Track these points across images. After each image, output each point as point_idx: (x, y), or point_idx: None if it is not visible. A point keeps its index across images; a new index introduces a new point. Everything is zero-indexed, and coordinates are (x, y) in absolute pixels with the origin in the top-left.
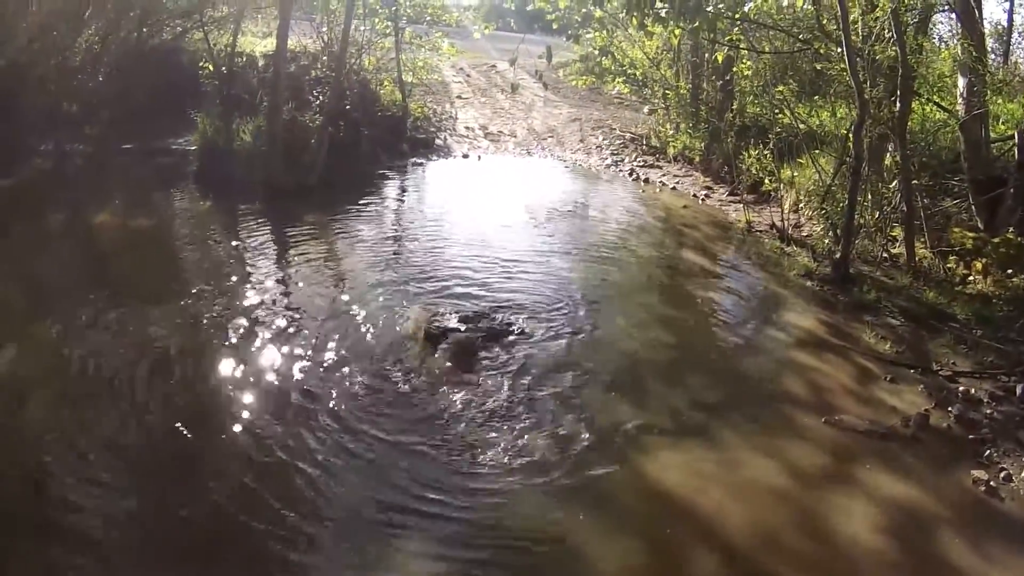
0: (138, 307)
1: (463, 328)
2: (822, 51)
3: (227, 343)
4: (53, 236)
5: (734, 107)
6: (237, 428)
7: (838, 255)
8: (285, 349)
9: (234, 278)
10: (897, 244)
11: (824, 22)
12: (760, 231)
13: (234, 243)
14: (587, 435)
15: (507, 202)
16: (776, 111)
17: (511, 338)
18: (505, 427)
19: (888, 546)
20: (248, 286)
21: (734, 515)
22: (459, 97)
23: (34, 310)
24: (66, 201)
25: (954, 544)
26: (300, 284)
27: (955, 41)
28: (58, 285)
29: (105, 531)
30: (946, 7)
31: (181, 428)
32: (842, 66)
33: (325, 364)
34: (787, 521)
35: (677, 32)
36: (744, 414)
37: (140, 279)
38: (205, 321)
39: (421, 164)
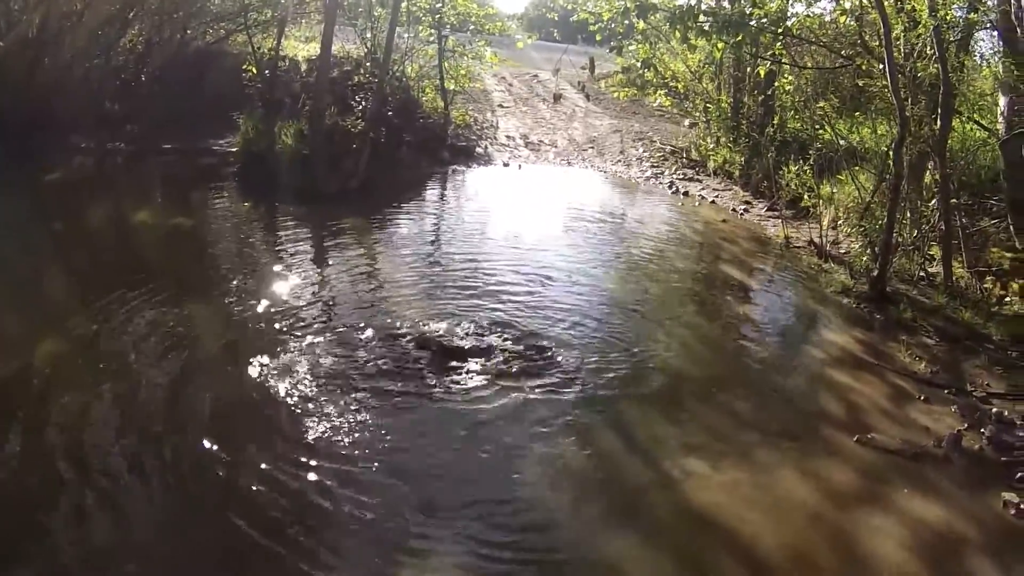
0: (176, 301)
1: (490, 339)
2: (864, 67)
3: (260, 338)
4: (95, 231)
5: (775, 122)
6: (265, 414)
7: (875, 273)
8: (316, 347)
9: (271, 277)
10: (934, 263)
11: (867, 38)
12: (798, 247)
13: (272, 243)
14: (624, 450)
15: (546, 212)
16: (817, 127)
17: (548, 351)
18: (540, 442)
19: (918, 568)
20: (284, 285)
21: (767, 533)
22: (500, 106)
23: (75, 301)
24: (108, 197)
25: (983, 568)
26: (335, 286)
27: (997, 59)
28: (98, 277)
29: (138, 513)
30: (988, 25)
31: (212, 414)
32: (884, 83)
33: (354, 362)
34: (820, 540)
35: (720, 46)
36: (779, 432)
37: (179, 274)
38: (240, 316)
39: (462, 172)
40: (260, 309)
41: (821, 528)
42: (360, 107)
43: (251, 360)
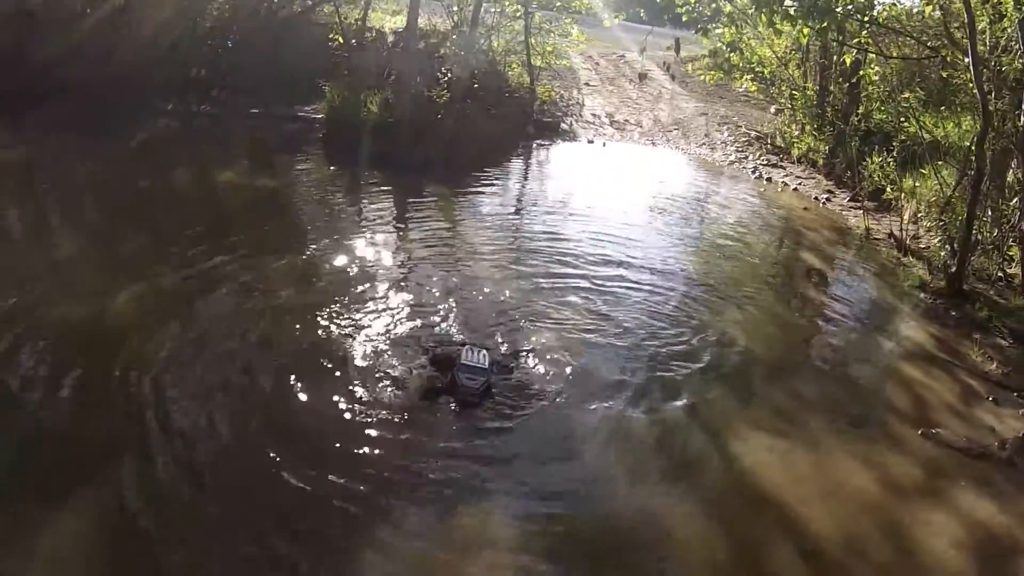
0: (255, 257)
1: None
2: (949, 59)
3: (334, 296)
4: (180, 189)
5: (859, 111)
6: (333, 372)
7: (953, 269)
8: (390, 310)
9: (350, 240)
10: (1014, 264)
11: (952, 30)
12: (878, 239)
13: (353, 207)
14: (687, 422)
15: (629, 190)
16: (902, 119)
17: (620, 323)
18: (605, 406)
19: (969, 567)
20: (363, 248)
21: (822, 516)
22: (587, 84)
23: (158, 253)
24: (194, 159)
25: None
26: (414, 252)
27: None
28: (182, 233)
29: (202, 451)
30: None
31: (281, 368)
32: (968, 76)
33: (427, 327)
34: (872, 528)
35: (806, 31)
36: (842, 418)
37: (260, 233)
38: (317, 274)
39: (546, 146)
40: (337, 270)
41: (875, 516)
42: (445, 79)
43: (323, 316)
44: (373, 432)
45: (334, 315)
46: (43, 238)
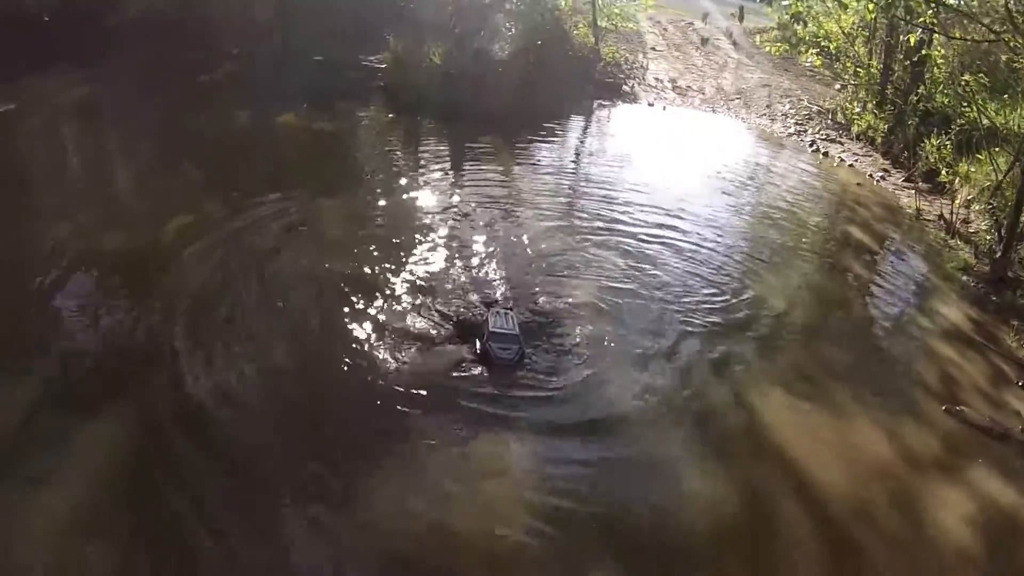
0: (306, 197)
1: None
2: (1011, 43)
3: (384, 238)
4: (237, 131)
5: (919, 91)
6: (368, 311)
7: (998, 255)
8: (439, 256)
9: (404, 185)
10: None
11: (1014, 14)
12: (928, 220)
13: (410, 155)
14: (713, 377)
15: (684, 153)
16: (964, 103)
17: (663, 283)
18: (634, 355)
19: (978, 546)
20: (415, 193)
21: (835, 479)
22: (653, 49)
23: (214, 191)
24: (253, 102)
25: None
26: (467, 200)
27: None
28: (238, 172)
29: (244, 370)
30: None
31: (320, 303)
32: None
33: (469, 271)
34: (883, 496)
35: (871, 7)
36: (869, 388)
37: (313, 174)
38: (367, 216)
39: (606, 106)
40: (386, 211)
41: (888, 485)
42: (510, 33)
43: (367, 255)
44: (403, 375)
45: (378, 255)
46: (99, 174)
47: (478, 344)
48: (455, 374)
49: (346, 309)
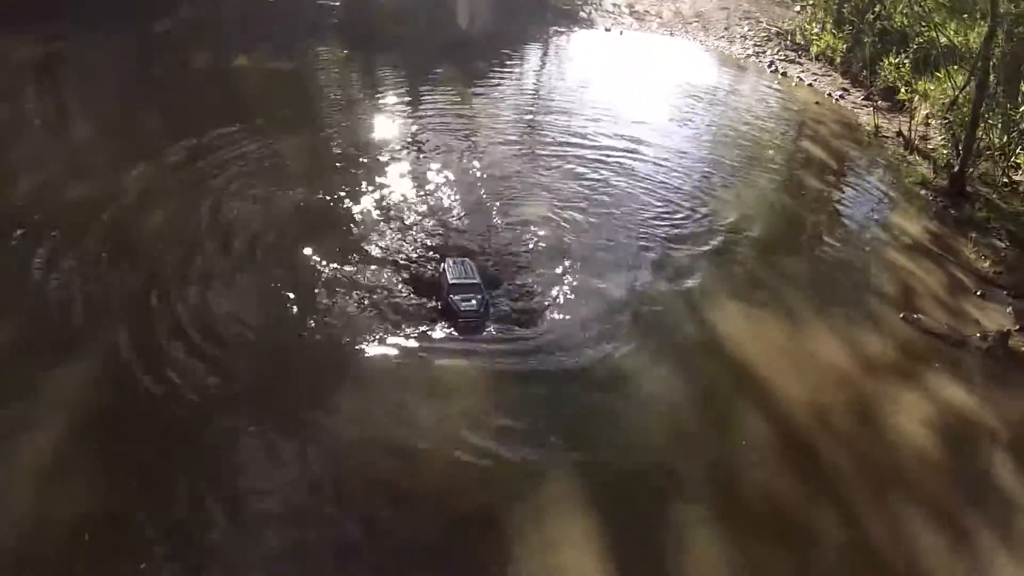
0: (267, 135)
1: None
2: None
3: (342, 170)
4: (195, 75)
5: (877, 11)
6: (338, 227)
7: (956, 169)
8: (393, 180)
9: (362, 116)
10: (1020, 171)
11: None
12: (886, 137)
13: (367, 87)
14: (671, 290)
15: (644, 78)
16: (922, 22)
17: (623, 203)
18: (592, 274)
19: (934, 446)
20: (375, 123)
21: (792, 383)
22: None
23: (171, 133)
24: (211, 45)
25: (1001, 462)
26: (423, 128)
27: None
28: (195, 114)
29: (218, 301)
30: None
31: (287, 224)
32: None
33: (429, 197)
34: (842, 401)
35: None
36: (826, 297)
37: (272, 113)
38: (327, 150)
39: (563, 33)
40: (346, 145)
41: (846, 389)
42: None
43: (330, 186)
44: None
45: (337, 186)
46: (62, 125)
47: (439, 301)
48: (420, 328)
49: (307, 246)
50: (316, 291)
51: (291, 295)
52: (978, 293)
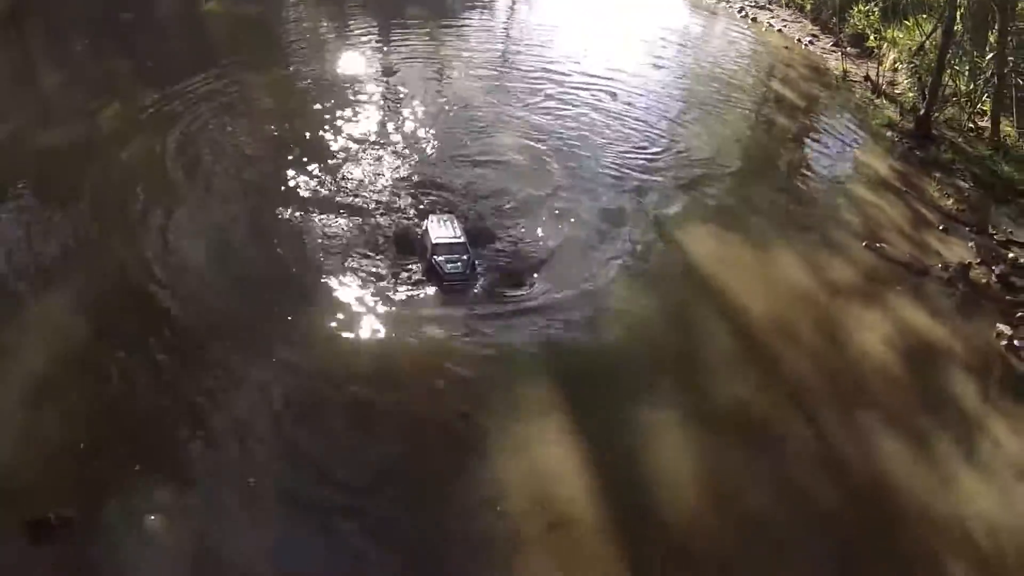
0: (236, 76)
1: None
2: None
3: (313, 108)
4: (163, 20)
5: None
6: (310, 162)
7: (922, 112)
8: (364, 118)
9: (330, 58)
10: (985, 117)
11: None
12: (854, 81)
13: (338, 30)
14: (640, 215)
15: (616, 22)
16: None
17: (598, 145)
18: (566, 206)
19: (896, 365)
20: (344, 65)
21: (758, 303)
22: None
23: (141, 80)
24: None
25: (961, 382)
26: (393, 67)
27: None
28: (165, 60)
29: (192, 234)
30: None
31: (256, 159)
32: None
33: (401, 136)
34: (806, 319)
35: None
36: (793, 225)
37: (241, 54)
38: (296, 88)
39: None
40: (317, 86)
41: (810, 309)
42: None
43: (301, 124)
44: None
45: (311, 123)
46: (28, 74)
47: (422, 262)
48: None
49: (281, 186)
50: (288, 230)
51: (263, 233)
52: (941, 228)
